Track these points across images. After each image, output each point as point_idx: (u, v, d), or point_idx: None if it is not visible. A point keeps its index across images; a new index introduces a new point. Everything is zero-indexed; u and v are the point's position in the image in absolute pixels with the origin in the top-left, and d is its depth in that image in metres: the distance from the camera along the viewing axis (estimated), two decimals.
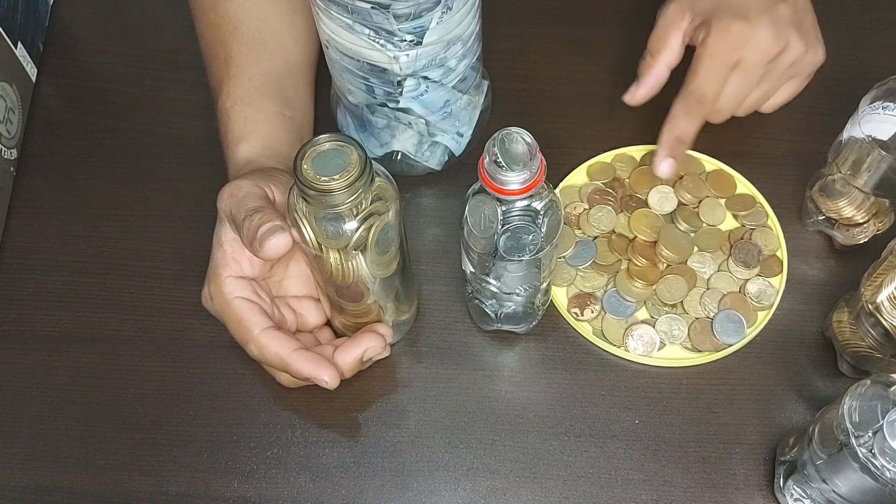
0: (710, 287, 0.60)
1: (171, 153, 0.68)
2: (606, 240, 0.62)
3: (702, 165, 0.64)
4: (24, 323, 0.62)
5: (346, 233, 0.47)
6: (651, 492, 0.55)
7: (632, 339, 0.59)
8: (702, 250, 0.61)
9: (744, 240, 0.61)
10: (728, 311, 0.58)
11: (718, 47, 0.56)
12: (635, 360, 0.58)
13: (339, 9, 0.50)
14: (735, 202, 0.63)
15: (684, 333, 0.59)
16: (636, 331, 0.59)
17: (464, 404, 0.58)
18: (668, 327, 0.59)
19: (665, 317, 0.59)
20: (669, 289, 0.59)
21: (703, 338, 0.58)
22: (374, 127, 0.61)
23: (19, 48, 0.68)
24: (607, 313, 0.59)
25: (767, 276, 0.60)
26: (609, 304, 0.60)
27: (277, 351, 0.51)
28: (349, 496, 0.55)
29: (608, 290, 0.60)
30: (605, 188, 0.63)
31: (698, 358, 0.58)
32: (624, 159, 0.65)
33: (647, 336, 0.59)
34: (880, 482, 0.43)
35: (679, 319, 0.59)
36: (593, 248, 0.61)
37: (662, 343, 0.59)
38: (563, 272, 0.61)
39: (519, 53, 0.70)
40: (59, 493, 0.56)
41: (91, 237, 0.64)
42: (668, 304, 0.59)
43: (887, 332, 0.51)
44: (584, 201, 0.63)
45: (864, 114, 0.54)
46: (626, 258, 0.61)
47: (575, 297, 0.60)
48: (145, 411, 0.58)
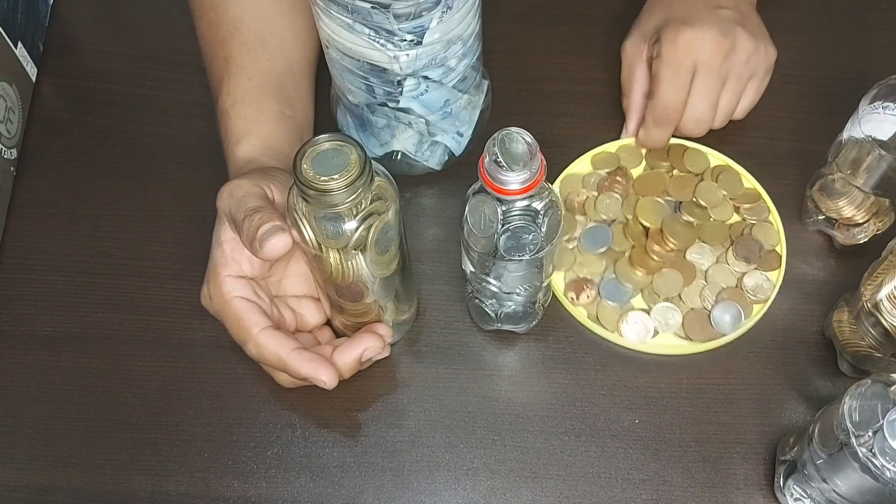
0: (708, 281, 0.60)
1: (171, 153, 0.68)
2: (622, 226, 0.62)
3: (708, 160, 0.65)
4: (24, 323, 0.62)
5: (346, 232, 0.47)
6: (651, 492, 0.55)
7: (626, 324, 0.59)
8: (703, 241, 0.61)
9: (745, 235, 0.61)
10: (727, 303, 0.59)
11: (671, 56, 0.59)
12: (629, 347, 0.59)
13: (339, 8, 0.50)
14: (739, 197, 0.63)
15: (679, 322, 0.59)
16: (631, 317, 0.59)
17: (464, 404, 0.58)
18: (664, 316, 0.59)
19: (661, 305, 0.59)
20: (666, 283, 0.60)
21: (698, 327, 0.59)
22: (374, 127, 0.61)
23: (19, 48, 0.68)
24: (603, 298, 0.60)
25: (765, 270, 0.60)
26: (606, 290, 0.60)
27: (276, 350, 0.51)
28: (349, 496, 0.55)
29: (606, 276, 0.61)
30: (612, 177, 0.64)
31: (691, 347, 0.58)
32: (628, 150, 0.65)
33: (642, 322, 0.59)
34: (880, 482, 0.43)
35: (675, 308, 0.59)
36: (609, 234, 0.62)
37: (656, 331, 0.59)
38: (562, 257, 0.61)
39: (519, 53, 0.70)
40: (59, 493, 0.56)
41: (91, 237, 0.64)
42: (663, 297, 0.60)
43: (887, 331, 0.51)
44: (588, 189, 0.64)
45: (864, 114, 0.54)
46: (641, 245, 0.61)
47: (572, 281, 0.60)
48: (145, 411, 0.58)
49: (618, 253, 0.61)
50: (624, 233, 0.62)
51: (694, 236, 0.61)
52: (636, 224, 0.62)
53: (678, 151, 0.65)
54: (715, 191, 0.63)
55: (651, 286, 0.60)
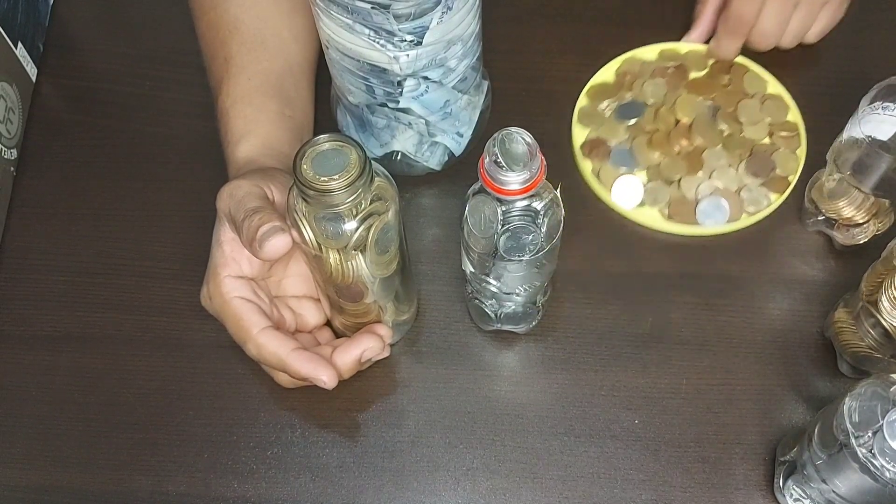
0: (711, 177, 0.62)
1: (171, 153, 0.68)
2: (656, 109, 0.65)
3: (765, 86, 0.66)
4: (24, 323, 0.62)
5: (346, 233, 0.47)
6: (651, 492, 0.55)
7: (619, 184, 0.62)
8: (725, 148, 0.63)
9: (764, 154, 0.63)
10: (718, 198, 0.61)
11: None
12: (614, 208, 0.62)
13: (339, 9, 0.50)
14: (779, 125, 0.65)
15: (666, 200, 0.61)
16: (626, 180, 0.62)
17: (464, 404, 0.58)
18: (655, 192, 0.62)
19: (657, 182, 0.62)
20: (671, 167, 0.62)
21: (683, 210, 0.61)
22: (374, 127, 0.61)
23: (19, 48, 0.68)
24: (611, 161, 0.63)
25: (769, 189, 0.62)
26: (617, 155, 0.63)
27: (276, 351, 0.51)
28: (349, 496, 0.55)
29: (622, 145, 0.64)
30: (671, 69, 0.67)
31: (670, 226, 0.61)
32: (696, 55, 0.67)
33: (634, 189, 0.62)
34: (880, 482, 0.43)
35: (667, 188, 0.62)
36: (642, 110, 0.65)
37: (643, 202, 0.62)
38: (593, 117, 0.65)
39: (519, 53, 0.70)
40: (59, 493, 0.56)
41: (91, 237, 0.64)
42: (663, 179, 0.62)
43: (887, 332, 0.51)
44: (645, 70, 0.67)
45: (864, 114, 0.54)
46: (666, 131, 0.64)
47: (593, 139, 0.64)
48: (145, 411, 0.58)
49: (642, 130, 0.64)
50: (655, 115, 0.65)
51: (718, 141, 0.63)
52: (670, 113, 0.65)
53: (740, 70, 0.67)
54: (757, 111, 0.65)
55: (658, 167, 0.63)
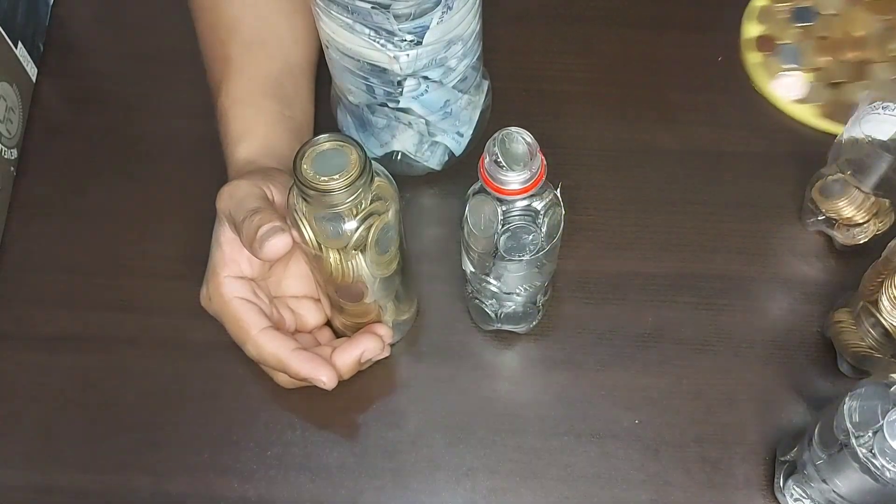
0: (875, 89, 0.65)
1: (171, 153, 0.68)
2: (829, 18, 0.68)
3: None
4: (24, 323, 0.62)
5: (346, 233, 0.47)
6: (651, 492, 0.55)
7: (781, 78, 0.67)
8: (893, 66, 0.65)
9: None
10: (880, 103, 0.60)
11: None
12: (774, 103, 0.66)
13: (339, 9, 0.50)
14: None
15: (826, 98, 0.66)
16: (790, 75, 0.67)
17: (464, 404, 0.58)
18: (816, 90, 0.66)
19: (819, 82, 0.66)
20: (839, 72, 0.66)
21: (839, 112, 0.64)
22: (374, 127, 0.61)
23: (19, 48, 0.68)
24: (779, 56, 0.68)
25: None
26: (785, 52, 0.67)
27: (275, 351, 0.51)
28: (349, 496, 0.55)
29: (791, 44, 0.68)
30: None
31: (825, 125, 0.65)
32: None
33: (796, 84, 0.66)
34: (880, 482, 0.43)
35: (828, 89, 0.66)
36: (817, 17, 0.69)
37: (804, 99, 0.66)
38: (771, 15, 0.69)
39: (519, 53, 0.70)
40: (59, 493, 0.56)
41: (91, 237, 0.64)
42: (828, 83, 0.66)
43: (887, 332, 0.51)
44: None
45: (864, 114, 0.54)
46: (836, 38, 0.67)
47: (763, 35, 0.69)
48: (145, 411, 0.58)
49: (813, 35, 0.68)
50: (829, 24, 0.68)
51: (887, 58, 0.65)
52: (844, 24, 0.67)
53: None
54: None
55: (823, 71, 0.67)
